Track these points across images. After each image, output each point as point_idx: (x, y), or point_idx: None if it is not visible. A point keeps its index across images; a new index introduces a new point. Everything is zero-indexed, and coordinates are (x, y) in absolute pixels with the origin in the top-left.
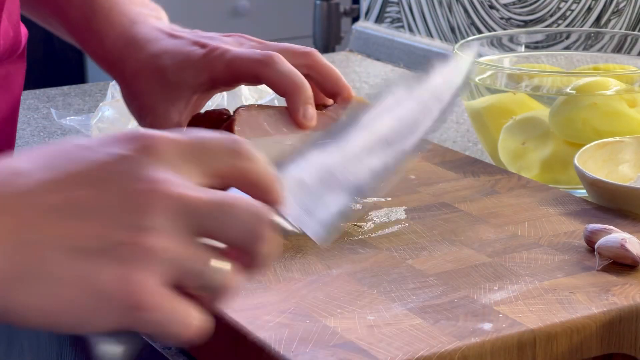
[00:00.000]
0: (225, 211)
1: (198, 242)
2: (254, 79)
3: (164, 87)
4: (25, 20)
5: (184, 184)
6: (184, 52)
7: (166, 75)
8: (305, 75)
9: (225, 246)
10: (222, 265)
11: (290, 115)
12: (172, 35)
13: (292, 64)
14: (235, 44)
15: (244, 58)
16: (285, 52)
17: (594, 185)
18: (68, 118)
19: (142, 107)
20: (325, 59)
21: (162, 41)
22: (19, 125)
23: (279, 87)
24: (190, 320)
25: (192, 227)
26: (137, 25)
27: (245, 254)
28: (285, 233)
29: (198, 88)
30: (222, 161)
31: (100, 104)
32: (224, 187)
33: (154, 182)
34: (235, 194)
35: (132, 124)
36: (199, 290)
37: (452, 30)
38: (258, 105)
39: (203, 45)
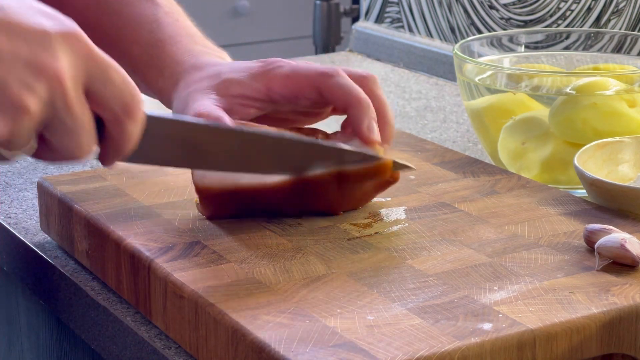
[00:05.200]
0: (110, 74)
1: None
2: (314, 92)
3: None
4: None
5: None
6: (243, 66)
7: None
8: None
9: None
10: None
11: (354, 129)
12: (233, 62)
13: None
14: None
15: (305, 69)
16: (345, 72)
17: (593, 185)
18: None
19: None
20: (380, 89)
21: (223, 64)
22: None
23: (340, 100)
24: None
25: (85, 74)
26: (199, 56)
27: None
28: None
29: (254, 98)
30: (109, 96)
31: None
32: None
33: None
34: None
35: None
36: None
37: (452, 30)
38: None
39: (263, 62)
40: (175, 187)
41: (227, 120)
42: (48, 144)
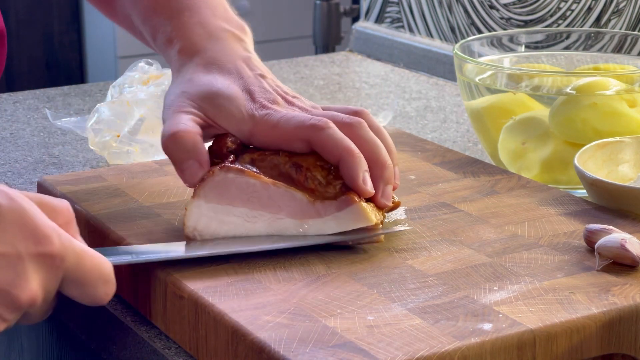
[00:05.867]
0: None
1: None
2: (303, 143)
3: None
4: (24, 20)
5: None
6: (239, 96)
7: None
8: None
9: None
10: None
11: (348, 183)
12: (237, 70)
13: None
14: (286, 106)
15: (295, 121)
16: (331, 120)
17: (594, 185)
18: (63, 120)
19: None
20: (370, 132)
21: (226, 73)
22: (19, 126)
23: (331, 153)
24: None
25: (59, 283)
26: (212, 41)
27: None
28: None
29: (234, 134)
30: (81, 293)
31: (97, 105)
32: None
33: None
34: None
35: (128, 126)
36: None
37: (452, 30)
38: (248, 170)
39: (254, 101)
40: (175, 187)
41: (201, 149)
42: None
